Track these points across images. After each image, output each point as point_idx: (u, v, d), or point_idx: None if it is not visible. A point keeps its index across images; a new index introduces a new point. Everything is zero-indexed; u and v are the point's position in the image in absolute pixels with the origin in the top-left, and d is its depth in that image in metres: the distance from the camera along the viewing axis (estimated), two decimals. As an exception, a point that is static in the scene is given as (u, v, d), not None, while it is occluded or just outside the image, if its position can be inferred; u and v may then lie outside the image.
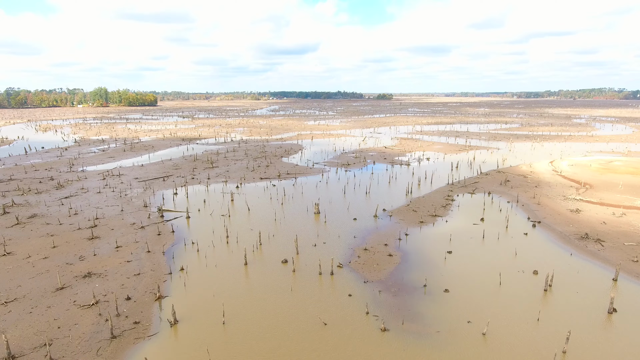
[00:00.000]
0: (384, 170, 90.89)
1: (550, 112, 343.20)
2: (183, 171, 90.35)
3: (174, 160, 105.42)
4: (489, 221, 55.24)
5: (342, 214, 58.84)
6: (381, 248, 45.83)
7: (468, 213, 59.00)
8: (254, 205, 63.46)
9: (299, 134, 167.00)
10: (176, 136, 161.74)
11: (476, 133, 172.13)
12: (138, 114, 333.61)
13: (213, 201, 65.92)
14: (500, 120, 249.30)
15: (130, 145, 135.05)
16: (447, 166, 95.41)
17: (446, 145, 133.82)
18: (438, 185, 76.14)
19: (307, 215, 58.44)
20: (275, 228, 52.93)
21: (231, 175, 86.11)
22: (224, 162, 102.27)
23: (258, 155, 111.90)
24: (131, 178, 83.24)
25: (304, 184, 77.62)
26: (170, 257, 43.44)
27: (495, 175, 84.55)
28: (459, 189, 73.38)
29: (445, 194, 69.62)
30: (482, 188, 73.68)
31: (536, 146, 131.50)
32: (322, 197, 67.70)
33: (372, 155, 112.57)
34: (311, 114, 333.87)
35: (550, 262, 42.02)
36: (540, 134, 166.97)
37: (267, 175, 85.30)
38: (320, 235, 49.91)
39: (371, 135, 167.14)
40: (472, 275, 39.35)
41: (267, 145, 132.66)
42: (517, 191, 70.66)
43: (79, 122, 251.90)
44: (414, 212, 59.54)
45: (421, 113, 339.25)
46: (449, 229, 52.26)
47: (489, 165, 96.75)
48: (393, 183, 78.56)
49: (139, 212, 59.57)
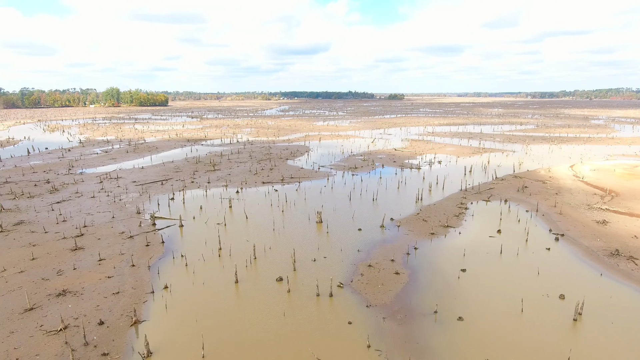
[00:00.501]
0: (393, 175, 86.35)
1: (567, 113, 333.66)
2: (183, 174, 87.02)
3: (176, 162, 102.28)
4: (507, 233, 50.49)
5: (346, 223, 54.62)
6: (387, 264, 41.51)
7: (483, 223, 54.28)
8: (253, 212, 59.58)
9: (306, 135, 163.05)
10: (182, 137, 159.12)
11: (490, 134, 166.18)
12: (148, 114, 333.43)
13: (210, 207, 62.23)
14: (515, 121, 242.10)
15: (134, 146, 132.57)
16: (460, 170, 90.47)
17: (459, 147, 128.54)
18: (450, 192, 71.42)
19: (309, 224, 54.35)
20: (273, 239, 48.95)
21: (232, 178, 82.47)
22: (227, 164, 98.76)
23: (262, 158, 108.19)
24: (129, 181, 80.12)
25: (308, 189, 73.56)
26: (156, 273, 39.74)
27: (512, 181, 79.41)
28: (473, 195, 68.56)
29: (458, 202, 64.91)
30: (498, 195, 68.75)
31: (554, 149, 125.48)
32: (326, 204, 63.57)
33: (381, 158, 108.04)
34: (321, 114, 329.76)
35: (578, 284, 37.28)
36: (558, 136, 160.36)
37: (270, 179, 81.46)
38: (321, 248, 45.78)
39: (381, 136, 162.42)
40: (490, 299, 34.83)
41: (273, 147, 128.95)
42: (536, 199, 65.59)
43: (88, 122, 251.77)
44: (424, 221, 55.02)
45: (433, 113, 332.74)
46: (463, 242, 47.68)
47: (505, 169, 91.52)
48: (402, 189, 74.04)
49: (130, 220, 56.14)
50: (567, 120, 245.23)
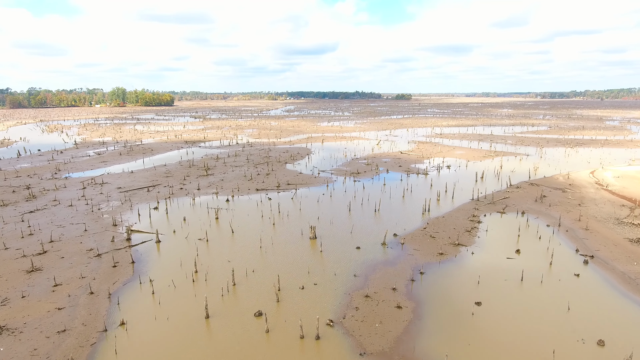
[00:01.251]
0: (398, 181, 79.99)
1: (579, 114, 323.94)
2: (173, 179, 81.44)
3: (169, 166, 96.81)
4: (527, 254, 44.02)
5: (343, 239, 48.48)
6: (388, 294, 35.32)
7: (499, 241, 47.83)
8: (241, 225, 53.66)
9: (309, 137, 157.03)
10: (180, 138, 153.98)
11: (501, 136, 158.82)
12: (151, 114, 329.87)
13: (195, 219, 56.44)
14: (527, 122, 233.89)
15: (129, 148, 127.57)
16: (471, 176, 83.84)
17: (468, 150, 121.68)
18: (460, 201, 64.95)
19: (301, 240, 48.29)
20: (258, 259, 42.97)
21: (225, 185, 76.71)
22: (222, 168, 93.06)
23: (260, 161, 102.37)
24: (114, 187, 74.71)
25: (305, 198, 67.52)
26: (116, 303, 33.95)
27: (528, 189, 72.67)
28: (486, 206, 62.03)
29: (470, 213, 58.45)
30: (514, 206, 62.15)
31: (570, 152, 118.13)
32: (322, 216, 57.47)
33: (385, 162, 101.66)
34: (326, 114, 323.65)
35: (618, 324, 30.81)
36: (573, 138, 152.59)
37: (265, 186, 75.55)
38: (312, 272, 39.69)
39: (386, 138, 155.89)
40: (512, 344, 28.52)
41: (272, 150, 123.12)
42: (557, 211, 58.92)
43: (89, 122, 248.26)
44: (432, 238, 48.70)
45: (441, 114, 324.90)
46: (477, 265, 41.33)
47: (519, 175, 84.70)
48: (408, 197, 67.71)
49: (103, 234, 50.52)
50: (580, 122, 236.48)
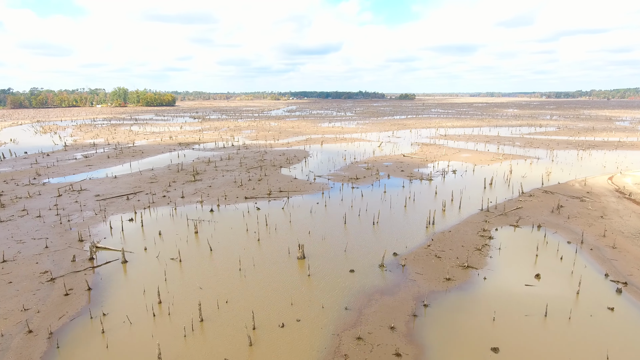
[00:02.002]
0: (400, 188, 73.86)
1: (587, 114, 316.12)
2: (158, 186, 75.72)
3: (156, 170, 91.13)
4: (549, 279, 37.84)
5: (335, 259, 42.48)
6: (384, 335, 29.30)
7: (515, 262, 41.67)
8: (221, 241, 47.77)
9: (308, 138, 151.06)
10: (175, 140, 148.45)
11: (509, 138, 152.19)
12: (151, 115, 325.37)
13: (171, 234, 50.61)
14: (534, 123, 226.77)
15: (119, 150, 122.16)
16: (479, 182, 77.59)
17: (475, 153, 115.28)
18: (468, 212, 58.77)
19: (287, 261, 42.33)
20: (235, 286, 37.05)
21: (212, 192, 70.87)
22: (212, 173, 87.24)
23: (254, 165, 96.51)
24: (92, 195, 69.07)
25: (297, 208, 61.56)
26: (55, 347, 28.13)
27: (542, 197, 66.36)
28: (497, 218, 55.79)
29: (479, 227, 52.29)
30: (528, 217, 55.89)
31: (583, 155, 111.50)
32: (314, 229, 51.49)
33: (387, 166, 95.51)
34: (328, 114, 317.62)
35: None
36: (584, 140, 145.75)
37: (255, 194, 69.64)
38: (296, 304, 33.72)
39: (389, 139, 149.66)
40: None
41: (268, 152, 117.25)
42: (577, 224, 52.65)
43: (86, 123, 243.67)
44: (437, 258, 42.60)
45: (445, 114, 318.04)
46: (490, 294, 35.21)
47: (531, 181, 78.35)
48: (410, 207, 61.60)
49: (66, 252, 44.78)
50: (589, 122, 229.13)
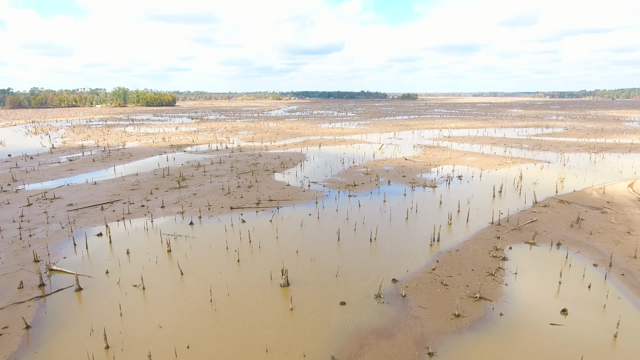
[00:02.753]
0: (401, 196, 67.75)
1: (594, 114, 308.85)
2: (138, 193, 69.87)
3: (140, 175, 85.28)
4: (578, 316, 31.68)
5: (324, 287, 36.46)
6: (379, 398, 23.25)
7: (535, 293, 35.53)
8: (195, 263, 41.82)
9: (305, 140, 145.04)
10: (167, 141, 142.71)
11: (515, 140, 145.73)
12: (149, 115, 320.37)
13: (141, 252, 44.69)
14: (541, 123, 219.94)
15: (107, 153, 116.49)
16: (487, 190, 71.42)
17: (481, 156, 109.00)
18: (477, 226, 52.64)
19: (268, 289, 36.33)
20: (201, 324, 31.05)
21: (196, 201, 64.97)
22: (199, 179, 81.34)
23: (246, 169, 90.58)
24: (64, 204, 63.27)
25: (286, 220, 55.56)
26: (-40, 414, 22.29)
27: (558, 208, 60.12)
28: (510, 234, 49.64)
29: (491, 244, 46.18)
30: (545, 233, 49.72)
31: (596, 159, 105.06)
32: (303, 248, 45.49)
33: (387, 170, 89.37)
34: (328, 115, 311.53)
35: None
36: (594, 142, 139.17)
37: (242, 203, 63.67)
38: (273, 350, 27.67)
39: (390, 141, 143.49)
40: None
41: (263, 155, 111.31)
42: (602, 241, 46.46)
43: (82, 123, 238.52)
44: (444, 286, 36.50)
45: (448, 114, 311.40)
46: (510, 337, 29.09)
47: (544, 188, 72.12)
48: (412, 220, 55.51)
49: (15, 275, 38.94)
50: (597, 123, 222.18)
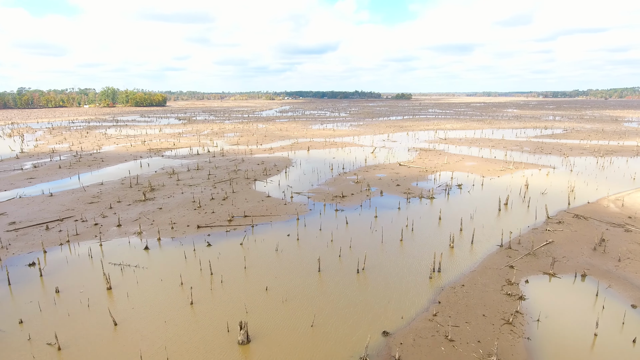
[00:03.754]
0: (395, 210, 59.70)
1: (590, 114, 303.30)
2: (97, 207, 61.24)
3: (106, 185, 76.57)
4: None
5: (295, 345, 28.25)
6: None
7: (567, 350, 27.56)
8: (137, 307, 33.41)
9: (294, 143, 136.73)
10: (147, 145, 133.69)
11: (515, 142, 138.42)
12: (136, 116, 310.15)
13: (73, 291, 36.20)
14: (539, 124, 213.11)
15: (78, 158, 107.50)
16: (491, 201, 63.63)
17: (481, 161, 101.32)
18: (484, 249, 44.74)
19: (223, 349, 28.03)
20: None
21: (160, 217, 56.48)
22: (170, 189, 72.82)
23: (224, 177, 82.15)
24: (6, 222, 54.49)
25: (260, 243, 47.31)
26: None
27: (575, 225, 52.37)
28: (524, 261, 41.74)
29: (502, 276, 38.25)
30: (565, 260, 41.89)
31: (603, 163, 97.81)
32: (275, 283, 37.28)
33: (380, 178, 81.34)
34: (321, 115, 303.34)
35: None
36: (598, 144, 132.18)
37: (212, 220, 55.27)
38: None
39: (383, 144, 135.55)
40: None
41: (246, 160, 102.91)
42: (635, 271, 38.69)
43: (63, 124, 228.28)
44: (449, 342, 28.44)
45: (443, 115, 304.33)
46: None
47: (554, 199, 64.49)
48: (407, 241, 47.47)
49: None
50: (596, 123, 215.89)
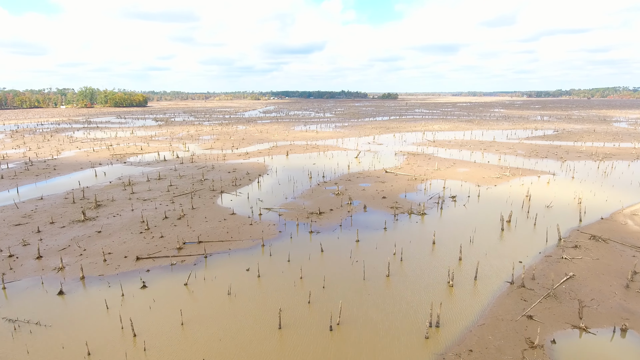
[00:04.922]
0: (380, 231, 50.39)
1: (578, 114, 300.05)
2: (21, 231, 50.56)
3: (45, 200, 65.69)
4: None
5: None
6: None
7: None
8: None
9: (273, 147, 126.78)
10: (112, 150, 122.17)
11: (507, 144, 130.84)
12: (111, 117, 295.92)
13: None
14: (528, 125, 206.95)
15: (27, 167, 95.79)
16: (491, 217, 54.88)
17: (474, 166, 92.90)
18: (491, 289, 35.71)
19: None
20: None
21: (94, 244, 46.14)
22: (119, 205, 62.35)
23: (187, 189, 71.96)
24: None
25: (209, 283, 37.46)
26: None
27: (594, 250, 43.79)
28: (543, 307, 32.76)
29: (520, 332, 29.20)
30: (596, 304, 33.10)
31: (605, 168, 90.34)
32: (217, 348, 27.54)
33: (364, 189, 72.10)
34: (305, 116, 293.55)
35: None
36: (594, 146, 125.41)
37: (158, 248, 45.14)
38: None
39: (369, 147, 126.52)
40: None
41: (216, 167, 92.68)
42: (687, 322, 30.07)
43: (30, 127, 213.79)
44: None
45: (430, 115, 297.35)
46: None
47: (562, 214, 56.09)
48: (395, 278, 38.16)
49: None
50: (585, 124, 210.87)
